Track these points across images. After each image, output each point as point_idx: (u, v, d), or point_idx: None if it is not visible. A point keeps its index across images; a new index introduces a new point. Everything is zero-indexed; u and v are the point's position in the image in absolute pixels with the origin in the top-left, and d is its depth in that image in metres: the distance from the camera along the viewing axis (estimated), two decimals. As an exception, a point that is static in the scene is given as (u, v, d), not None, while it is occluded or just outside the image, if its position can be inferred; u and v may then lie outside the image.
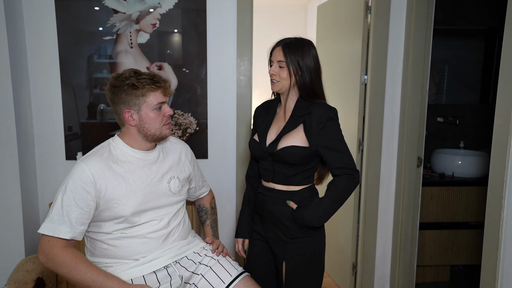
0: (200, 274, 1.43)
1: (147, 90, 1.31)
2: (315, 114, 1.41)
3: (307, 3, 4.69)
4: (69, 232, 1.26)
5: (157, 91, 1.33)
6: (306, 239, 1.45)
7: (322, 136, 1.40)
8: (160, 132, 1.38)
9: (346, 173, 1.39)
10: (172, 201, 1.45)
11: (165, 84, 1.36)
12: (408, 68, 2.22)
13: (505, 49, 1.44)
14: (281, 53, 1.40)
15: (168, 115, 1.39)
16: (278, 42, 1.45)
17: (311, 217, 1.38)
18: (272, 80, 1.46)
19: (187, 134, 2.13)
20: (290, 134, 1.43)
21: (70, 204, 1.26)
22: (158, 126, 1.37)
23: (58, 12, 1.97)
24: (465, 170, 2.74)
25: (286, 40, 1.43)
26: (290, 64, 1.40)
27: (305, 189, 1.47)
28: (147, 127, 1.35)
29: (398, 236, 2.36)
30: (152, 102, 1.33)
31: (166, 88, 1.37)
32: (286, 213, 1.45)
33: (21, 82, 1.91)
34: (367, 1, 2.22)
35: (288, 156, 1.41)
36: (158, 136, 1.39)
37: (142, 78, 1.32)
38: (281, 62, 1.41)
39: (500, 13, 2.89)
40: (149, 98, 1.32)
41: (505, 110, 1.43)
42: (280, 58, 1.40)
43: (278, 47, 1.42)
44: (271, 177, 1.49)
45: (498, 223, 1.46)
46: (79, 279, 1.24)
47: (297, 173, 1.45)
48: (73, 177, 1.28)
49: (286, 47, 1.40)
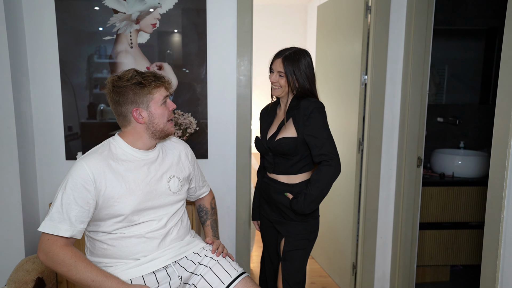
0: (200, 275, 1.43)
1: (153, 87, 1.36)
2: (302, 107, 1.62)
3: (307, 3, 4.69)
4: (68, 230, 1.26)
5: (161, 87, 1.40)
6: (302, 223, 1.69)
7: (307, 126, 1.61)
8: (167, 128, 1.43)
9: (324, 159, 1.58)
10: (172, 201, 1.45)
11: (166, 80, 1.43)
12: (408, 68, 2.22)
13: (505, 49, 1.44)
14: (281, 65, 1.64)
15: (172, 109, 1.44)
16: (278, 53, 1.68)
17: (301, 207, 1.60)
18: (273, 87, 1.70)
19: (187, 134, 2.13)
20: (284, 129, 1.67)
21: (70, 203, 1.27)
22: (165, 121, 1.41)
23: (58, 12, 1.97)
24: (465, 170, 2.74)
25: (286, 52, 1.65)
26: (288, 74, 1.63)
27: (303, 182, 1.70)
28: (156, 123, 1.39)
29: (398, 236, 2.36)
30: (159, 97, 1.38)
31: (169, 83, 1.44)
32: (285, 201, 1.69)
33: (21, 82, 1.91)
34: (367, 1, 2.23)
35: (281, 147, 1.65)
36: (165, 132, 1.43)
37: (147, 76, 1.37)
38: (281, 72, 1.65)
39: (500, 13, 2.89)
40: (156, 95, 1.37)
41: (505, 110, 1.43)
42: (280, 69, 1.64)
43: (279, 58, 1.65)
44: (272, 168, 1.74)
45: (498, 223, 1.46)
46: (78, 278, 1.24)
47: (294, 163, 1.68)
48: (73, 176, 1.29)
49: (285, 59, 1.63)
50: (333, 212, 2.68)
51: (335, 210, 2.65)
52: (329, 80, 2.73)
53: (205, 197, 1.74)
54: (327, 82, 2.75)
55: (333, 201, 2.64)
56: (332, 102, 2.67)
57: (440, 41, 2.86)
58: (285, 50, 1.67)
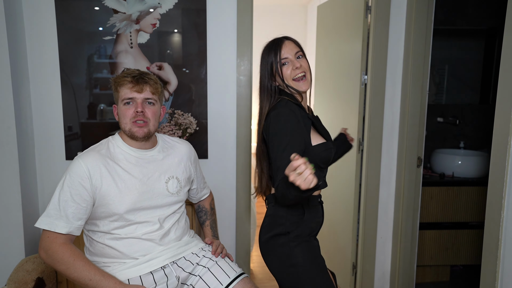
0: (198, 275, 1.42)
1: (121, 84, 1.35)
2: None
3: (307, 3, 4.69)
4: (65, 227, 1.27)
5: (129, 84, 1.34)
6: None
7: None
8: (130, 129, 1.36)
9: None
10: (170, 202, 1.44)
11: (146, 80, 1.35)
12: (408, 68, 2.22)
13: (505, 49, 1.44)
14: (294, 44, 1.31)
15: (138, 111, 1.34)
16: (282, 37, 1.35)
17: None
18: (301, 77, 1.29)
19: (187, 134, 2.13)
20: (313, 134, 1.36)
21: (67, 199, 1.28)
22: (127, 121, 1.36)
23: (58, 12, 1.97)
24: (465, 170, 2.74)
25: (286, 35, 1.37)
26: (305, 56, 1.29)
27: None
28: (121, 122, 1.39)
29: (398, 236, 2.36)
30: (122, 95, 1.36)
31: (144, 83, 1.34)
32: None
33: (21, 82, 1.91)
34: (367, 1, 2.22)
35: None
36: (129, 133, 1.37)
37: (125, 73, 1.36)
38: (299, 52, 1.30)
39: (500, 13, 2.89)
40: (121, 93, 1.36)
41: (505, 110, 1.43)
42: (297, 49, 1.30)
43: (287, 40, 1.32)
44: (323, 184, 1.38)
45: (498, 223, 1.46)
46: (76, 277, 1.25)
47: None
48: (70, 173, 1.30)
49: (292, 39, 1.32)
50: (333, 212, 2.68)
51: (335, 210, 2.65)
52: (329, 80, 2.73)
53: (206, 198, 1.74)
54: (327, 82, 2.75)
55: (333, 201, 2.64)
56: (332, 102, 2.67)
57: (440, 41, 2.86)
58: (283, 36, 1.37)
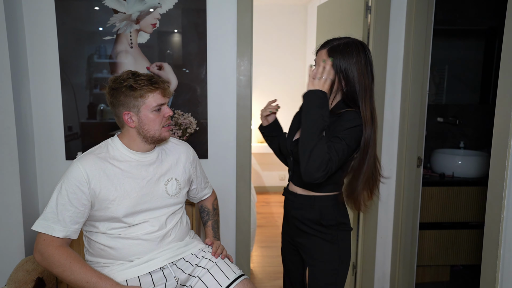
0: (197, 277, 1.42)
1: (146, 91, 1.31)
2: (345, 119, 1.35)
3: (307, 3, 4.69)
4: (62, 231, 1.26)
5: (155, 91, 1.33)
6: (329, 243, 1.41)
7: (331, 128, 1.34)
8: (160, 134, 1.38)
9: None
10: (169, 203, 1.44)
11: (163, 85, 1.35)
12: (408, 68, 2.22)
13: (505, 49, 1.44)
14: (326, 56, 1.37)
15: (167, 116, 1.39)
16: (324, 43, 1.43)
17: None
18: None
19: (187, 134, 2.13)
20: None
21: (65, 203, 1.27)
22: (158, 128, 1.37)
23: (58, 12, 1.97)
24: (465, 170, 2.74)
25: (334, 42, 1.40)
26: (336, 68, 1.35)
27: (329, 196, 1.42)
28: (146, 129, 1.35)
29: (398, 236, 2.36)
30: (151, 103, 1.33)
31: (165, 88, 1.36)
32: (303, 216, 1.44)
33: (21, 82, 1.91)
34: (367, 1, 2.22)
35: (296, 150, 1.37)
36: (157, 138, 1.39)
37: (140, 79, 1.31)
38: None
39: (500, 13, 2.89)
40: (148, 100, 1.32)
41: (505, 110, 1.43)
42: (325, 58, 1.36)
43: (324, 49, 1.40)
44: (291, 177, 1.51)
45: (498, 223, 1.46)
46: (73, 279, 1.24)
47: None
48: (68, 176, 1.29)
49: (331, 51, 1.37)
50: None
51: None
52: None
53: (208, 198, 1.73)
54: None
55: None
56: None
57: (440, 41, 2.86)
58: (333, 40, 1.40)
